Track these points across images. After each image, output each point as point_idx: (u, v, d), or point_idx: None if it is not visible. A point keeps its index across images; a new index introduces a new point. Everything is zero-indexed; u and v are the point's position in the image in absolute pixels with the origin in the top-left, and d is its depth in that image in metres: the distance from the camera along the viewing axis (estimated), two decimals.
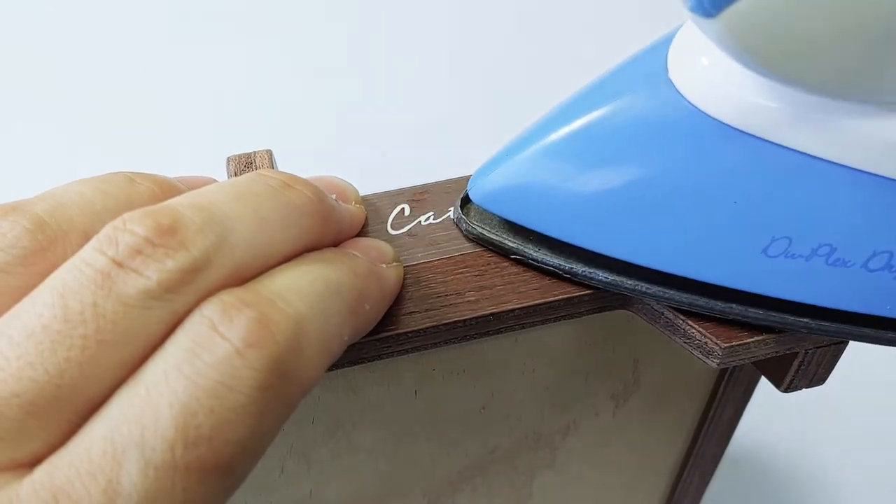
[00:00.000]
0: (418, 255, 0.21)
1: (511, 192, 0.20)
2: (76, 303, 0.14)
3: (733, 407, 0.30)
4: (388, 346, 0.20)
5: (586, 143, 0.19)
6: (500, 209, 0.21)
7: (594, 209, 0.19)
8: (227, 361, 0.14)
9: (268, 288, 0.15)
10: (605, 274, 0.20)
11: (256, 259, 0.16)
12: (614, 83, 0.20)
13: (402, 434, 0.26)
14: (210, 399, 0.14)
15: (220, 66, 0.68)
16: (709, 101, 0.18)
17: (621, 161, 0.19)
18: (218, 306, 0.14)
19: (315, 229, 0.18)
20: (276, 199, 0.17)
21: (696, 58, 0.18)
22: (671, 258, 0.19)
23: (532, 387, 0.26)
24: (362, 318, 0.18)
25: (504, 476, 0.30)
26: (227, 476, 0.14)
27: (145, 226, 0.15)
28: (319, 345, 0.15)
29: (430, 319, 0.20)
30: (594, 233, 0.20)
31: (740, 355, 0.20)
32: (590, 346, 0.25)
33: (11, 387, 0.13)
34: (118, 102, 0.65)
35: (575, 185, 0.19)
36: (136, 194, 0.17)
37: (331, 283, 0.17)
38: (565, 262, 0.20)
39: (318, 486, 0.27)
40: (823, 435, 0.50)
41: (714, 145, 0.18)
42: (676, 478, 0.35)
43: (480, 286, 0.21)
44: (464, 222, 0.21)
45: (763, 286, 0.18)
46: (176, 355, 0.14)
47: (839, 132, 0.17)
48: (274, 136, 0.61)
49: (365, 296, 0.18)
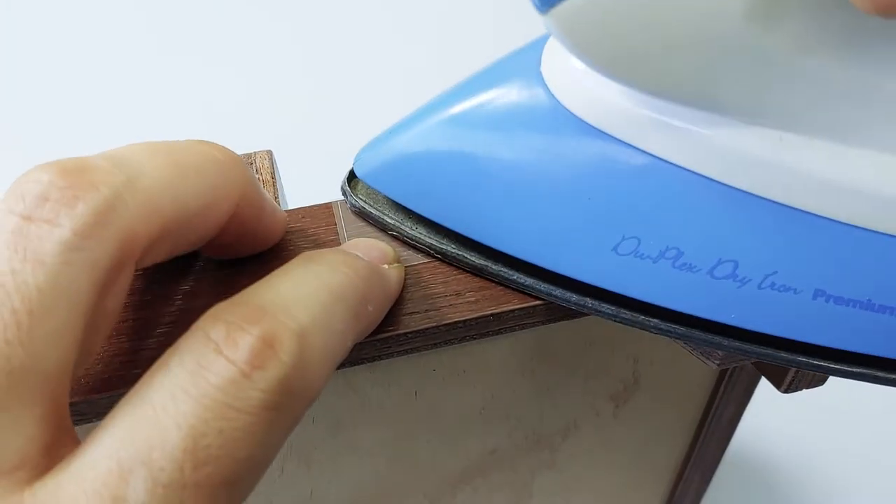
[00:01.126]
0: (419, 256, 0.21)
1: (391, 169, 0.21)
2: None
3: (733, 408, 0.30)
4: (388, 347, 0.20)
5: (459, 128, 0.20)
6: (381, 186, 0.21)
7: (463, 194, 0.20)
8: (234, 384, 0.14)
9: (271, 302, 0.15)
10: (474, 256, 0.20)
11: (175, 202, 0.15)
12: (495, 73, 0.20)
13: (402, 434, 0.26)
14: (218, 420, 0.13)
15: (220, 65, 0.68)
16: (570, 97, 0.18)
17: (489, 149, 0.19)
18: (222, 327, 0.14)
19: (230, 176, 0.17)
20: (192, 149, 0.16)
21: (565, 55, 0.18)
22: (530, 247, 0.19)
23: (532, 387, 0.26)
24: (366, 320, 0.18)
25: (504, 476, 0.30)
26: (236, 491, 0.14)
27: (50, 171, 0.14)
28: (324, 355, 0.15)
29: (430, 320, 0.20)
30: (463, 217, 0.20)
31: (740, 356, 0.20)
32: (590, 347, 0.25)
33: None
34: (118, 102, 0.65)
35: (448, 169, 0.20)
36: None
37: (334, 289, 0.16)
38: (438, 242, 0.21)
39: (318, 486, 0.27)
40: (823, 435, 0.50)
41: (572, 140, 0.18)
42: (677, 478, 0.35)
43: (480, 287, 0.21)
44: (349, 195, 0.22)
45: (613, 283, 0.19)
46: (181, 376, 0.14)
47: (691, 139, 0.17)
48: (274, 135, 0.61)
49: (368, 297, 0.18)
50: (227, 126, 0.63)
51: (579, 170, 0.18)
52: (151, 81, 0.67)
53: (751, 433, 0.49)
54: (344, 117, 0.64)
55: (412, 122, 0.21)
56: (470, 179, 0.19)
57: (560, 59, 0.18)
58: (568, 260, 0.19)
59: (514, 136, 0.19)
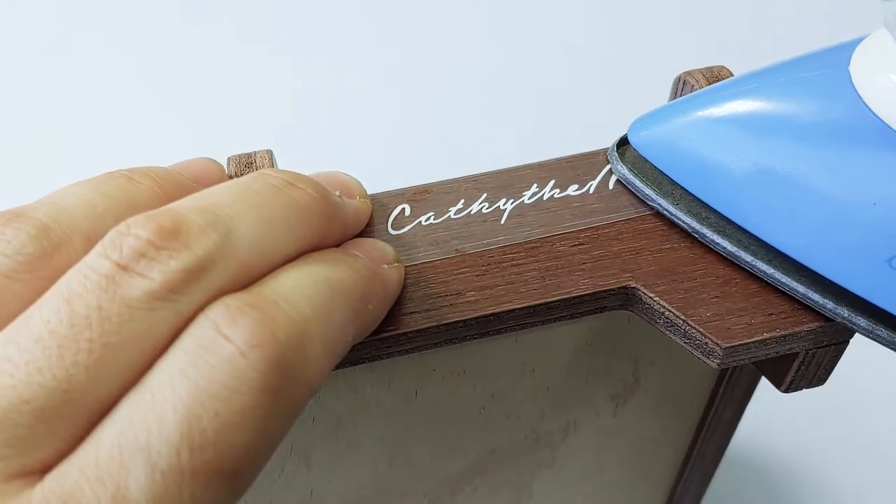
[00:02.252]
0: (419, 256, 0.21)
1: (670, 144, 0.21)
2: (82, 307, 0.14)
3: (734, 407, 0.30)
4: (388, 347, 0.20)
5: (758, 124, 0.20)
6: (654, 158, 0.22)
7: (740, 178, 0.20)
8: (231, 363, 0.14)
9: (272, 290, 0.15)
10: (728, 243, 0.21)
11: (261, 258, 0.16)
12: (798, 66, 0.21)
13: (402, 434, 0.26)
14: (214, 402, 0.14)
15: (221, 65, 0.68)
16: (879, 99, 0.18)
17: (776, 138, 0.19)
18: (222, 309, 0.14)
19: (319, 227, 0.18)
20: (279, 198, 0.17)
21: (883, 57, 0.18)
22: (797, 242, 0.19)
23: (532, 387, 0.26)
24: (365, 318, 0.18)
25: (504, 476, 0.30)
26: (235, 480, 0.14)
27: (148, 229, 0.15)
28: (324, 345, 0.15)
29: (430, 320, 0.20)
30: (734, 202, 0.20)
31: (741, 355, 0.20)
32: (590, 347, 0.25)
33: (21, 393, 0.13)
34: (118, 102, 0.65)
35: (732, 156, 0.20)
36: (137, 193, 0.17)
37: (334, 284, 0.17)
38: (696, 222, 0.21)
39: (318, 487, 0.27)
40: (823, 435, 0.50)
41: (871, 141, 0.18)
42: (677, 478, 0.35)
43: (481, 286, 0.21)
44: (616, 161, 0.22)
45: (878, 296, 0.18)
46: (180, 358, 0.14)
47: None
48: (274, 135, 0.61)
49: (368, 296, 0.18)
50: (228, 126, 0.63)
51: (871, 171, 0.18)
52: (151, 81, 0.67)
53: (751, 433, 0.49)
54: (344, 117, 0.64)
55: (703, 101, 0.21)
56: (750, 165, 0.20)
57: (875, 60, 0.19)
58: (836, 264, 0.19)
59: (808, 130, 0.19)
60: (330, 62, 0.68)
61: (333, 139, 0.62)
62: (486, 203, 0.22)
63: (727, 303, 0.20)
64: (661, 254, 0.21)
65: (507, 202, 0.22)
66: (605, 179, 0.23)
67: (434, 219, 0.22)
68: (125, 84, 0.66)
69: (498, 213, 0.22)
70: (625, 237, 0.22)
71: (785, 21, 0.70)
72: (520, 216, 0.22)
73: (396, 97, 0.65)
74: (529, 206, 0.22)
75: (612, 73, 0.66)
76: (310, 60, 0.68)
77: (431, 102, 0.65)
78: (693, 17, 0.70)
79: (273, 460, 0.25)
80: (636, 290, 0.21)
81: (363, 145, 0.62)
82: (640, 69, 0.66)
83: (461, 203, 0.22)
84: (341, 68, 0.67)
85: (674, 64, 0.30)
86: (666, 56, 0.66)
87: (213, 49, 0.69)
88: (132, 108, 0.64)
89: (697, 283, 0.21)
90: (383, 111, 0.64)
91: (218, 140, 0.61)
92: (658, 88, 0.33)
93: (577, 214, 0.22)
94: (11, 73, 0.67)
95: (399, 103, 0.65)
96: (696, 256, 0.21)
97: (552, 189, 0.23)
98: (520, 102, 0.65)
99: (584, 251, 0.21)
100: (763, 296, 0.21)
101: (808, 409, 0.49)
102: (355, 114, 0.64)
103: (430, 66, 0.67)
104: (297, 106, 0.65)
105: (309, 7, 0.71)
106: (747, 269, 0.21)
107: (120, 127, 0.63)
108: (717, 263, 0.21)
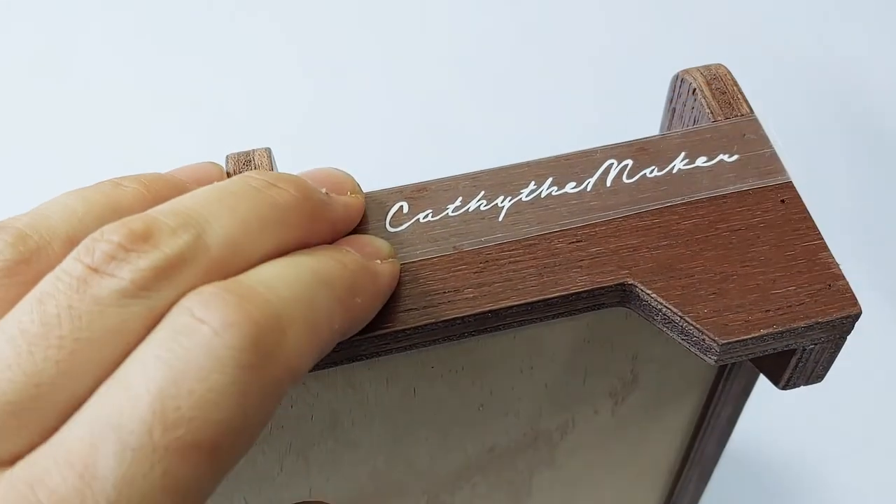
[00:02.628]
0: (417, 253, 0.21)
1: None
2: (52, 307, 0.14)
3: (732, 405, 0.30)
4: (386, 344, 0.20)
5: None
6: None
7: None
8: (205, 343, 0.14)
9: (250, 277, 0.16)
10: None
11: (236, 256, 0.16)
12: None
13: (400, 432, 0.26)
14: (189, 381, 0.14)
15: (220, 64, 0.68)
16: None
17: None
18: (196, 297, 0.15)
19: (301, 225, 0.18)
20: (258, 198, 0.17)
21: None
22: None
23: (530, 385, 0.26)
24: (354, 311, 0.18)
25: (503, 474, 0.30)
26: (213, 457, 0.14)
27: (120, 234, 0.15)
28: (305, 329, 0.16)
29: (427, 317, 0.20)
30: None
31: (738, 352, 0.20)
32: (588, 344, 0.25)
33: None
34: (117, 102, 0.65)
35: None
36: (122, 196, 0.18)
37: (318, 274, 0.17)
38: None
39: (316, 485, 0.27)
40: (822, 433, 0.50)
41: None
42: (675, 476, 0.35)
43: (478, 283, 0.21)
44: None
45: None
46: (155, 345, 0.14)
47: None
48: (274, 134, 0.61)
49: (356, 289, 0.18)
50: (228, 125, 0.63)
51: None
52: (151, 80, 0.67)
53: (749, 431, 0.49)
54: (343, 116, 0.64)
55: None
56: None
57: None
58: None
59: None
60: (330, 61, 0.68)
61: (332, 137, 0.63)
62: (484, 201, 0.22)
63: (724, 299, 0.20)
64: (658, 251, 0.21)
65: (505, 200, 0.22)
66: (603, 177, 0.23)
67: (432, 216, 0.22)
68: (125, 84, 0.66)
69: (496, 211, 0.22)
70: (622, 234, 0.22)
71: (785, 20, 0.70)
72: (518, 213, 0.22)
73: (395, 96, 0.65)
74: (527, 204, 0.22)
75: (610, 72, 0.66)
76: (310, 59, 0.68)
77: (430, 101, 0.65)
78: (691, 16, 0.70)
79: (271, 459, 0.25)
80: (634, 287, 0.21)
81: (361, 143, 0.62)
82: (638, 67, 0.66)
83: (459, 200, 0.22)
84: (341, 67, 0.67)
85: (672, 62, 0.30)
86: (664, 54, 0.67)
87: (213, 49, 0.69)
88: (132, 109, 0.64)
89: (695, 280, 0.21)
90: (382, 109, 0.64)
91: (218, 139, 0.61)
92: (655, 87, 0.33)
93: (574, 212, 0.22)
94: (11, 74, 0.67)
95: (398, 101, 0.65)
96: (693, 253, 0.21)
97: (550, 186, 0.23)
98: (518, 101, 0.65)
99: (581, 248, 0.21)
100: (760, 292, 0.21)
101: (806, 406, 0.50)
102: (354, 112, 0.64)
103: (430, 65, 0.67)
104: (296, 104, 0.65)
105: (309, 6, 0.71)
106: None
107: (120, 126, 0.63)
108: (714, 260, 0.21)
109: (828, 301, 0.20)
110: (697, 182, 0.22)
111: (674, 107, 0.26)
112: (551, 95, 0.65)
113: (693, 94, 0.25)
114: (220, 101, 0.65)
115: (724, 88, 0.24)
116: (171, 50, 0.69)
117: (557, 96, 0.65)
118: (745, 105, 0.24)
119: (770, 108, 0.31)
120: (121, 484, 0.13)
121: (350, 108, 0.64)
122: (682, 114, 0.26)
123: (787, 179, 0.23)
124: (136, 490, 0.13)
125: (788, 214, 0.22)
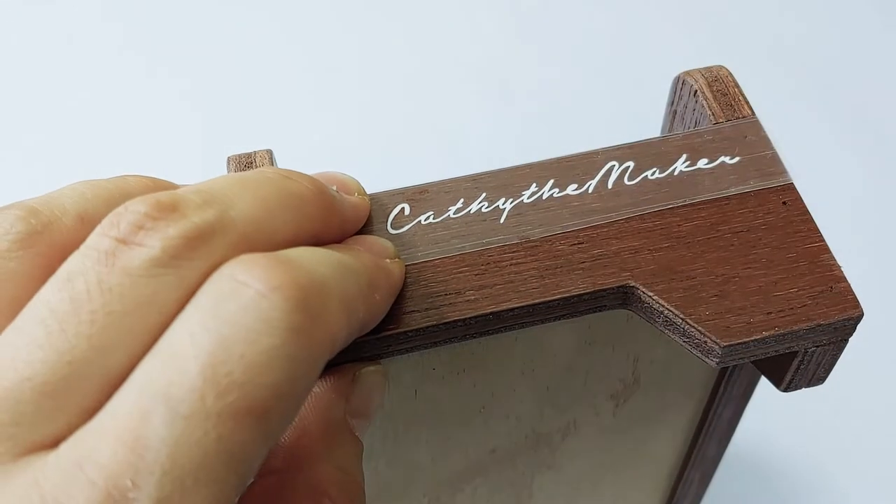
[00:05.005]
0: (418, 255, 0.21)
1: None
2: (81, 283, 0.14)
3: (733, 407, 0.30)
4: (387, 346, 0.20)
5: None
6: None
7: None
8: (254, 306, 0.14)
9: (284, 254, 0.16)
10: None
11: (261, 234, 0.16)
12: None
13: (401, 434, 0.26)
14: (239, 346, 0.13)
15: (220, 64, 0.68)
16: None
17: None
18: (236, 262, 0.14)
19: (317, 217, 0.18)
20: (275, 185, 0.17)
21: None
22: None
23: (532, 386, 0.26)
24: (373, 306, 0.18)
25: (504, 476, 0.30)
26: (264, 423, 0.14)
27: (146, 203, 0.15)
28: (340, 303, 0.16)
29: (429, 318, 0.20)
30: None
31: (740, 354, 0.20)
32: (589, 346, 0.25)
33: (22, 371, 0.13)
34: (117, 102, 0.65)
35: None
36: (129, 185, 0.18)
37: (343, 263, 0.17)
38: None
39: None
40: (823, 434, 0.50)
41: None
42: (677, 478, 0.35)
43: (480, 285, 0.21)
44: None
45: None
46: (198, 311, 0.14)
47: None
48: (274, 135, 0.61)
49: (374, 285, 0.18)
50: (228, 126, 0.63)
51: None
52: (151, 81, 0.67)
53: (751, 432, 0.49)
54: (344, 117, 0.64)
55: None
56: None
57: None
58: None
59: None
60: (330, 62, 0.68)
61: (333, 139, 0.63)
62: (486, 202, 0.22)
63: (726, 301, 0.20)
64: (659, 253, 0.21)
65: (507, 202, 0.22)
66: (605, 179, 0.23)
67: (433, 218, 0.22)
68: (125, 84, 0.66)
69: (497, 213, 0.22)
70: (624, 236, 0.22)
71: (786, 21, 0.70)
72: (519, 215, 0.22)
73: (396, 97, 0.65)
74: (529, 206, 0.22)
75: (612, 73, 0.66)
76: (310, 60, 0.68)
77: (431, 102, 0.65)
78: (692, 17, 0.70)
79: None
80: (635, 290, 0.21)
81: (363, 145, 0.62)
82: (640, 69, 0.66)
83: (460, 202, 0.22)
84: (341, 67, 0.67)
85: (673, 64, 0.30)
86: (665, 56, 0.67)
87: (213, 48, 0.69)
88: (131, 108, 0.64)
89: (696, 282, 0.21)
90: (383, 111, 0.64)
91: (218, 140, 0.61)
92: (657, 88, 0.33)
93: (576, 214, 0.22)
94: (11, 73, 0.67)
95: (399, 103, 0.65)
96: (694, 255, 0.21)
97: (551, 188, 0.23)
98: (519, 102, 0.65)
99: (582, 250, 0.21)
100: (762, 294, 0.21)
101: (808, 408, 0.50)
102: (355, 113, 0.64)
103: (430, 66, 0.67)
104: (297, 105, 0.65)
105: (310, 6, 0.71)
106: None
107: (120, 126, 0.63)
108: (716, 262, 0.21)
109: (830, 303, 0.20)
110: (699, 184, 0.22)
111: (675, 108, 0.26)
112: (552, 97, 0.65)
113: (694, 96, 0.25)
114: (220, 101, 0.65)
115: (726, 90, 0.24)
116: (171, 50, 0.69)
117: (558, 98, 0.65)
118: (747, 107, 0.24)
119: (771, 109, 0.31)
120: (175, 453, 0.13)
121: (350, 109, 0.65)
122: (683, 115, 0.26)
123: (789, 181, 0.23)
124: (191, 458, 0.13)
125: (790, 216, 0.22)
